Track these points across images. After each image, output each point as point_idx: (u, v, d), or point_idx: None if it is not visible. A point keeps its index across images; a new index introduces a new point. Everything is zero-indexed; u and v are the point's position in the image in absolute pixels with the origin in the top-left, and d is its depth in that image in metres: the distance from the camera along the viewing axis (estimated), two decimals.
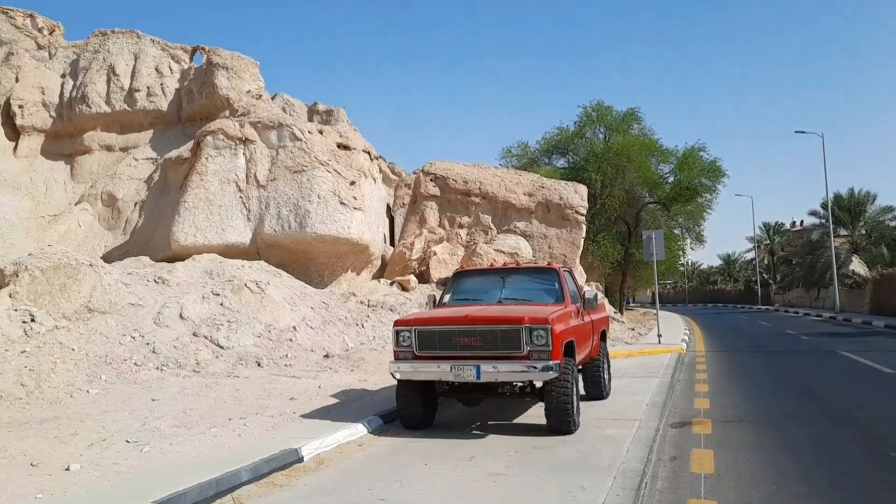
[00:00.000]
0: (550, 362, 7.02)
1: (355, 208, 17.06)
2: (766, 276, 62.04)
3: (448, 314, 7.78)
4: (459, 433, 7.59)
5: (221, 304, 13.16)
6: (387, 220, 21.73)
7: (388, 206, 22.15)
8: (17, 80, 21.49)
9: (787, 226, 68.51)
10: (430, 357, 7.40)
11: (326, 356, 12.67)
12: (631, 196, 31.34)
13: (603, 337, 10.24)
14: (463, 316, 7.46)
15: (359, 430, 7.39)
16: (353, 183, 17.52)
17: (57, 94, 21.57)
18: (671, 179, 32.07)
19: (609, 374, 10.18)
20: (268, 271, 15.68)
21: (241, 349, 12.00)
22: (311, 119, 25.47)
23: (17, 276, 10.72)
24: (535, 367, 7.03)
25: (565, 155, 34.23)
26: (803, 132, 41.30)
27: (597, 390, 9.58)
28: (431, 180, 21.14)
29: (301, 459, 6.25)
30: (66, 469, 5.48)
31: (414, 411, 7.70)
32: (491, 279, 9.12)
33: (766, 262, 64.98)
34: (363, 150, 19.05)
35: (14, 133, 20.69)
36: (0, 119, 20.56)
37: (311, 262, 17.42)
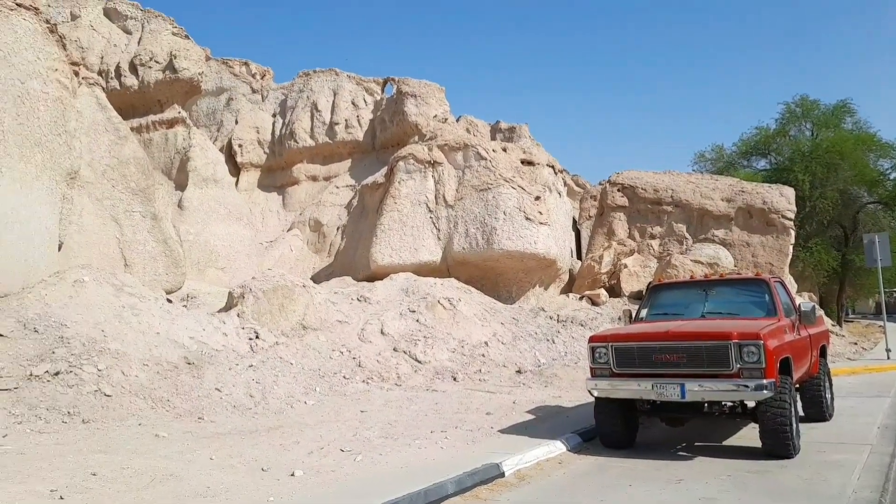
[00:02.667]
0: (764, 381, 6.51)
1: (541, 223, 17.05)
2: None
3: (647, 330, 7.50)
4: (664, 454, 7.25)
5: (417, 321, 13.74)
6: (573, 234, 21.48)
7: (573, 219, 21.89)
8: (236, 122, 24.30)
9: None
10: (630, 374, 7.18)
11: (519, 372, 12.72)
12: (846, 196, 28.30)
13: (822, 353, 9.30)
14: (664, 331, 7.14)
15: (557, 447, 7.31)
16: (537, 198, 17.55)
17: (269, 132, 24.07)
18: (893, 176, 28.57)
19: (831, 393, 9.23)
20: (458, 288, 16.13)
21: (437, 364, 12.43)
22: (493, 138, 25.96)
23: (244, 297, 11.99)
24: (746, 386, 6.57)
25: (766, 156, 31.83)
26: None
27: (817, 411, 8.76)
28: (618, 190, 20.60)
29: (502, 474, 6.30)
30: (292, 475, 5.97)
31: (614, 430, 7.48)
32: (692, 292, 8.65)
33: None
34: (547, 165, 19.04)
35: (235, 169, 23.36)
36: (224, 157, 23.29)
37: (499, 277, 17.67)
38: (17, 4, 10.51)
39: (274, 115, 24.48)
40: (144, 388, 8.61)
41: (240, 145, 23.83)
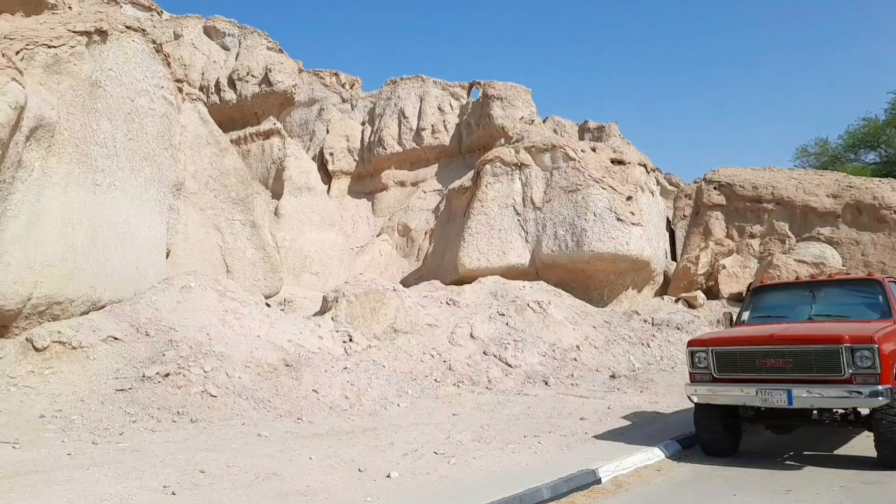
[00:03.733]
0: (879, 387, 6.15)
1: (633, 223, 16.63)
2: None
3: (750, 333, 7.20)
4: (770, 463, 6.92)
5: (507, 324, 13.69)
6: (667, 234, 20.84)
7: (667, 219, 21.24)
8: (327, 131, 25.02)
9: None
10: (731, 380, 6.91)
11: (612, 376, 12.45)
12: None
13: None
14: (768, 335, 6.83)
15: (656, 454, 7.11)
16: (629, 198, 17.13)
17: (358, 140, 24.66)
18: None
19: None
20: (548, 291, 15.97)
21: (528, 368, 12.34)
22: (581, 138, 25.59)
23: (337, 301, 12.31)
24: (859, 393, 6.21)
25: (875, 148, 29.96)
26: None
27: None
28: (715, 188, 19.85)
29: (599, 481, 6.18)
30: (388, 476, 6.06)
31: (716, 437, 7.21)
32: (797, 294, 8.23)
33: None
34: (638, 164, 18.56)
35: (327, 177, 24.05)
36: (316, 166, 24.03)
37: (589, 280, 17.35)
38: (126, 27, 11.21)
39: (363, 124, 25.06)
40: (247, 389, 8.97)
41: (331, 154, 24.53)
